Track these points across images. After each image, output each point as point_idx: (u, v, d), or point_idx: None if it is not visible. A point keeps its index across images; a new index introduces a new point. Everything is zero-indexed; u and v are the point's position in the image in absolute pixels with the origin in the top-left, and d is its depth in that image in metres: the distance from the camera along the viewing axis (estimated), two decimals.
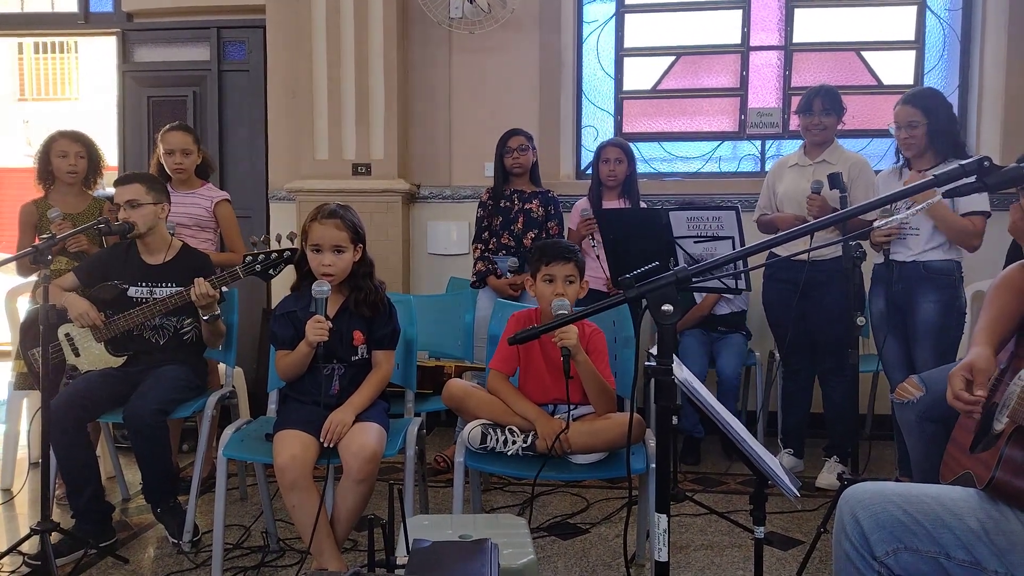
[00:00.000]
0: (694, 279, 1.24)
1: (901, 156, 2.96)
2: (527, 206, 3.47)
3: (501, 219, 3.48)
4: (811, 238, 2.37)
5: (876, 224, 1.44)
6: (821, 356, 3.21)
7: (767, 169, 4.15)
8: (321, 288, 2.17)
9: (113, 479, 3.11)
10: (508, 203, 3.49)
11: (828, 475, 3.15)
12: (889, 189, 2.87)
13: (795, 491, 1.56)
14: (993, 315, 1.54)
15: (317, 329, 2.14)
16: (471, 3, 3.96)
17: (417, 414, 2.54)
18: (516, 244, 3.46)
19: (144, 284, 2.68)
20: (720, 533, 2.70)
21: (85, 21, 4.63)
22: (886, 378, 3.01)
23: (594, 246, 3.35)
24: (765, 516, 1.67)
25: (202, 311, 2.59)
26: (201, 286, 2.51)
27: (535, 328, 1.41)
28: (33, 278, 3.42)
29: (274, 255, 2.55)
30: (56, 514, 2.59)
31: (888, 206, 2.50)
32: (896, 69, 4.12)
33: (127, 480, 3.12)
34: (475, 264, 3.50)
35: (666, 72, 4.28)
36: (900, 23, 4.11)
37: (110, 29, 4.60)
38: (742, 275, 2.62)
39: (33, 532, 2.25)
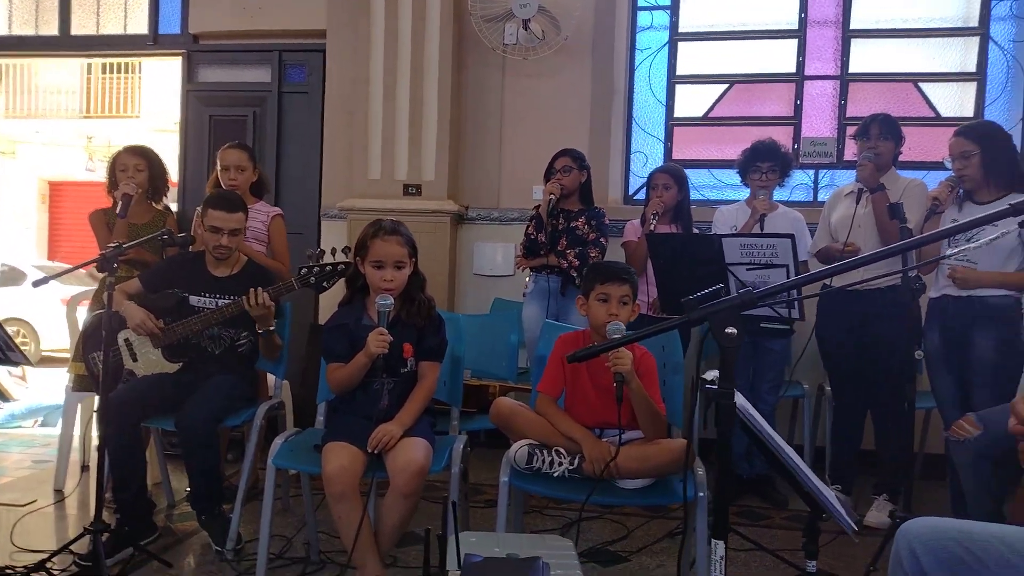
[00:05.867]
0: (759, 303, 1.23)
1: (962, 189, 2.90)
2: (572, 224, 3.47)
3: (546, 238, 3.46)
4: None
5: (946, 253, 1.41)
6: (875, 390, 3.13)
7: (819, 199, 4.10)
8: (385, 301, 2.21)
9: (159, 485, 3.17)
10: (554, 221, 3.47)
11: (877, 513, 3.05)
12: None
13: (853, 524, 1.52)
14: None
15: (379, 341, 2.17)
16: (525, 30, 4.02)
17: (461, 432, 2.55)
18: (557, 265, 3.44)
19: (208, 295, 2.74)
20: (766, 569, 2.63)
21: (154, 43, 4.82)
22: (939, 415, 2.92)
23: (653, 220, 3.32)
24: (818, 550, 1.63)
25: (258, 324, 2.64)
26: (256, 295, 2.57)
27: (593, 347, 1.41)
28: (92, 286, 3.53)
29: (328, 268, 2.59)
30: (106, 515, 2.64)
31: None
32: (956, 101, 4.05)
33: (172, 487, 3.17)
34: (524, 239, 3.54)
35: (718, 99, 4.28)
36: (960, 55, 4.05)
37: (177, 50, 4.78)
38: (795, 304, 2.58)
39: (86, 531, 2.32)
